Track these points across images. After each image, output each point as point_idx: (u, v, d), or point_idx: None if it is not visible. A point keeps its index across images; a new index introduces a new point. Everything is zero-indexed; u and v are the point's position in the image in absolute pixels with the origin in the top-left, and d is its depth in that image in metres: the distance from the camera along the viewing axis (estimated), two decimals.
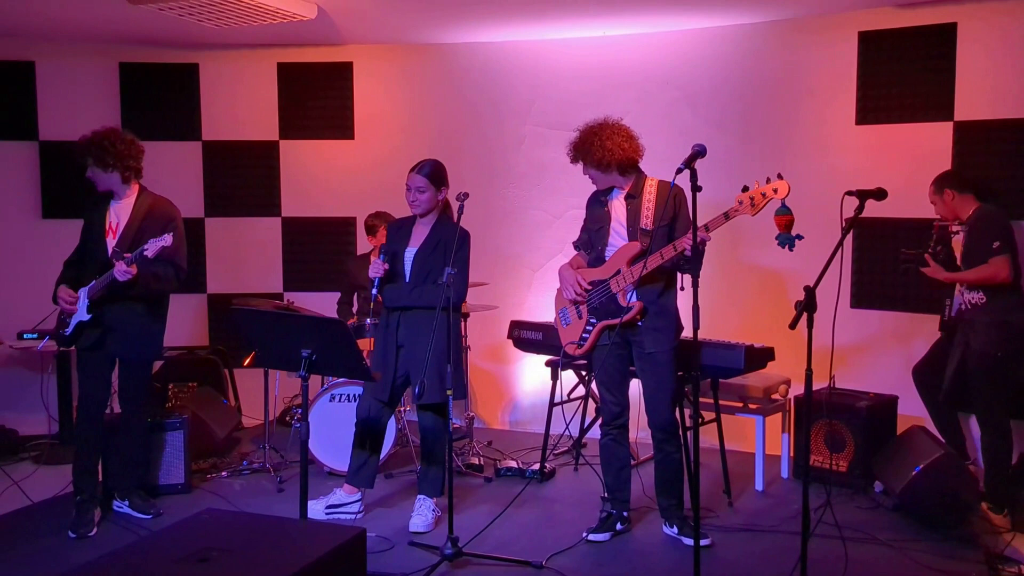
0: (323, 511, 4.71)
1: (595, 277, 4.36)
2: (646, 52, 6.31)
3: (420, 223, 4.68)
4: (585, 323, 4.39)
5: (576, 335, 4.43)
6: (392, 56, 6.83)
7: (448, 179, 4.67)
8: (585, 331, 4.39)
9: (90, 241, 4.64)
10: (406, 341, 4.58)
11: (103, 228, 4.61)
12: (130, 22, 5.90)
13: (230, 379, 6.63)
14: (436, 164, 4.62)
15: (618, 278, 4.25)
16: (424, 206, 4.59)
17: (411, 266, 4.61)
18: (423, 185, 4.56)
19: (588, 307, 4.37)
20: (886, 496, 4.89)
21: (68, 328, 4.57)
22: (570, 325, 4.48)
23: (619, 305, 4.24)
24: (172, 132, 6.83)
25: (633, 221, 4.30)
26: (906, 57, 5.54)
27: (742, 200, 3.98)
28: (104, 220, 4.63)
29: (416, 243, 4.64)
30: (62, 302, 4.55)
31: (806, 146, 5.86)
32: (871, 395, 5.24)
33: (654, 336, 4.28)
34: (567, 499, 5.11)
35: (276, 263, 7.01)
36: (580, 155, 4.36)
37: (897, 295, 5.63)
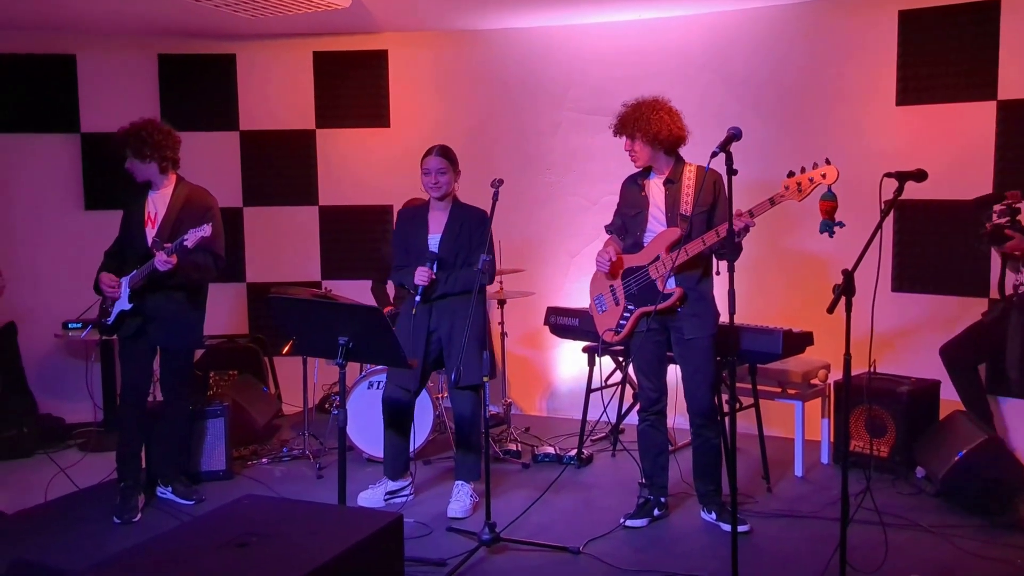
0: (383, 498, 4.76)
1: (633, 263, 4.33)
2: (681, 35, 6.25)
3: (435, 208, 4.69)
4: (623, 309, 4.36)
5: (613, 321, 4.40)
6: (426, 43, 6.83)
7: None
8: (623, 317, 4.36)
9: (129, 231, 4.70)
10: (440, 328, 4.59)
11: (142, 218, 4.67)
12: (167, 15, 5.96)
13: (270, 367, 6.70)
14: (447, 147, 4.66)
15: (657, 264, 4.22)
16: (445, 188, 4.61)
17: (440, 254, 4.61)
18: (444, 167, 4.58)
19: (626, 293, 4.34)
20: (928, 482, 4.83)
21: (110, 317, 4.64)
22: (606, 312, 4.45)
23: (658, 291, 4.21)
24: (210, 122, 6.90)
25: (672, 206, 4.27)
26: (947, 35, 5.43)
27: (788, 185, 3.92)
28: (143, 211, 4.69)
29: (437, 229, 4.64)
30: (105, 287, 4.61)
31: (845, 128, 5.77)
32: (912, 380, 5.16)
33: (693, 322, 4.26)
34: (605, 485, 5.11)
35: (314, 251, 7.06)
36: (633, 127, 4.26)
37: (939, 278, 5.54)
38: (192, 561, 2.70)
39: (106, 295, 4.64)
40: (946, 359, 5.05)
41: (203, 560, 2.69)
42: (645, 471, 4.55)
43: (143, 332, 4.64)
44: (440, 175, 4.59)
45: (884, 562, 3.77)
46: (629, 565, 3.98)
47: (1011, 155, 5.12)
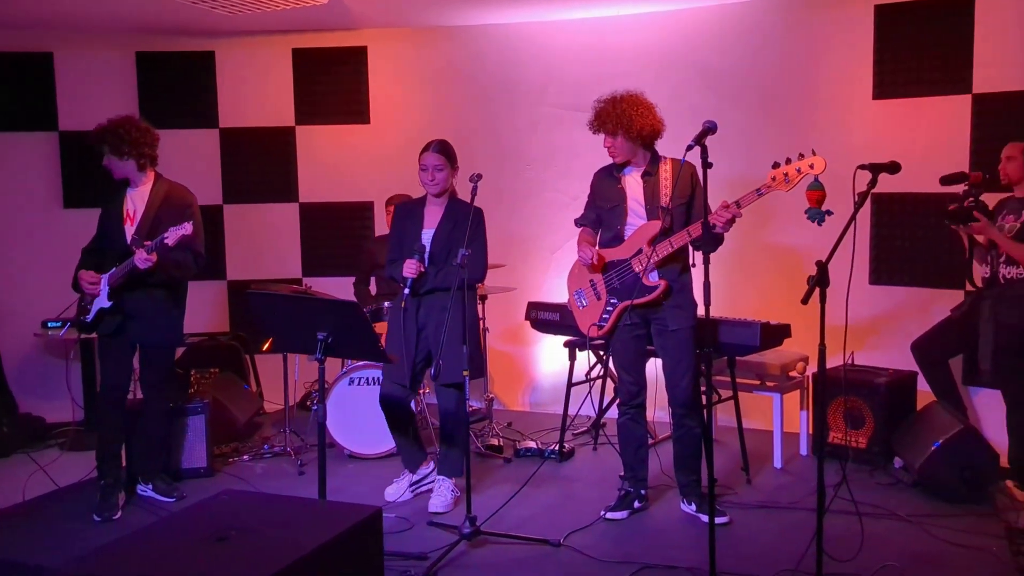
0: (409, 490, 4.79)
1: (614, 257, 4.34)
2: (660, 31, 6.28)
3: (431, 204, 4.69)
4: (605, 304, 4.37)
5: (596, 316, 4.41)
6: (406, 39, 6.83)
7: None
8: (606, 311, 4.37)
9: (108, 229, 4.69)
10: (427, 323, 4.60)
11: (120, 216, 4.66)
12: (145, 11, 5.94)
13: (251, 365, 6.69)
14: (446, 142, 4.63)
15: (640, 257, 4.23)
16: (442, 184, 4.60)
17: (431, 248, 4.61)
18: (441, 163, 4.57)
19: (608, 288, 4.35)
20: (906, 472, 4.88)
21: (89, 315, 4.62)
22: (587, 307, 4.46)
23: (643, 285, 4.22)
24: (189, 120, 6.88)
25: (651, 199, 4.28)
26: (923, 30, 5.48)
27: (775, 176, 3.94)
28: (121, 208, 4.68)
29: (432, 224, 4.64)
30: (85, 284, 4.59)
31: (822, 122, 5.81)
32: (890, 371, 5.21)
33: (677, 313, 4.28)
34: (586, 478, 5.13)
35: (294, 249, 7.05)
36: (615, 124, 4.24)
37: (916, 271, 5.60)
38: (171, 555, 2.70)
39: (86, 292, 4.62)
40: (918, 355, 5.11)
41: (182, 554, 2.70)
42: (626, 464, 4.57)
43: (123, 330, 4.63)
44: (437, 171, 4.58)
45: (860, 551, 3.81)
46: (609, 557, 4.00)
47: (986, 148, 5.17)
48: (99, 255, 4.71)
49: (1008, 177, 4.73)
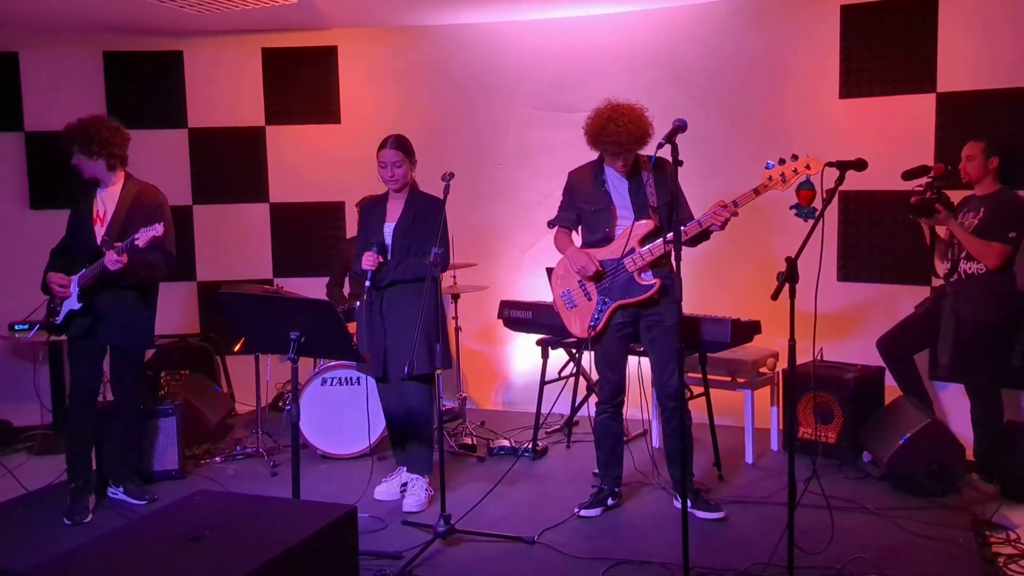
0: (399, 490, 4.78)
1: (603, 257, 4.32)
2: (631, 31, 6.31)
3: (393, 198, 4.70)
4: (596, 304, 4.37)
5: (586, 317, 4.38)
6: (376, 39, 6.82)
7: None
8: (598, 312, 4.36)
9: (77, 230, 4.64)
10: (389, 316, 4.61)
11: (90, 216, 4.62)
12: (112, 10, 5.88)
13: (222, 366, 6.65)
14: (403, 137, 4.64)
15: (634, 257, 4.23)
16: (401, 180, 4.61)
17: (391, 241, 4.62)
18: (399, 159, 4.58)
19: (598, 288, 4.34)
20: (874, 466, 4.94)
21: (59, 316, 4.58)
22: (576, 307, 4.43)
23: (637, 284, 4.23)
24: (158, 120, 6.82)
25: (638, 199, 4.29)
26: (888, 30, 5.55)
27: (772, 176, 3.96)
28: (91, 209, 4.63)
29: (393, 218, 4.65)
30: (54, 286, 4.54)
31: (790, 121, 5.88)
32: (859, 367, 5.28)
33: (673, 309, 4.27)
34: (559, 476, 5.15)
35: (265, 249, 7.02)
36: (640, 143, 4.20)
37: (883, 267, 5.67)
38: (144, 557, 2.69)
39: (56, 295, 4.57)
40: (883, 351, 5.18)
41: (156, 556, 2.68)
42: (601, 462, 4.60)
43: (93, 332, 4.59)
44: (396, 168, 4.59)
45: (830, 544, 3.86)
46: (583, 553, 4.02)
47: (950, 146, 5.24)
48: (68, 256, 4.66)
49: (968, 176, 4.81)
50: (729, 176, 4.35)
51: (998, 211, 4.67)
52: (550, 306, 5.46)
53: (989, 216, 4.69)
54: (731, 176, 4.38)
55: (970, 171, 4.79)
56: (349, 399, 5.36)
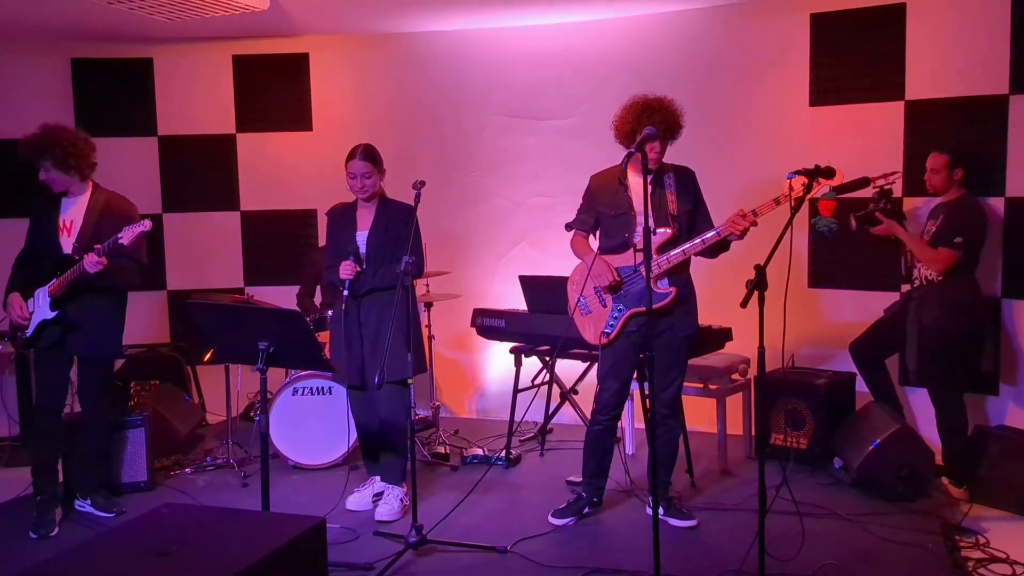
0: (371, 500, 4.76)
1: (619, 264, 4.27)
2: (602, 38, 6.33)
3: (363, 207, 4.69)
4: (610, 312, 4.29)
5: (600, 324, 4.30)
6: (348, 46, 6.80)
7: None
8: (612, 319, 4.28)
9: (41, 240, 4.58)
10: (368, 324, 4.59)
11: (55, 227, 4.56)
12: (81, 17, 5.82)
13: (193, 376, 6.59)
14: (371, 147, 4.63)
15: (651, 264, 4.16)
16: (371, 190, 4.60)
17: (365, 250, 4.60)
18: (368, 170, 4.56)
19: (613, 295, 4.28)
20: (845, 472, 4.97)
21: (28, 330, 4.51)
22: (591, 314, 4.34)
23: (654, 292, 4.10)
24: (127, 128, 6.76)
25: (658, 206, 4.23)
26: (857, 38, 5.60)
27: (792, 186, 3.94)
28: (56, 218, 4.57)
29: (364, 226, 4.64)
30: (12, 313, 4.49)
31: (761, 128, 5.92)
32: (829, 373, 5.32)
33: (688, 320, 4.33)
34: (533, 484, 5.14)
35: (236, 258, 6.96)
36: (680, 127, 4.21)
37: (853, 274, 5.71)
38: (111, 570, 2.65)
39: (12, 321, 4.51)
40: (854, 355, 5.22)
41: (122, 570, 2.65)
42: (587, 472, 4.55)
43: (63, 342, 4.54)
44: (365, 179, 4.58)
45: (801, 550, 3.88)
46: (556, 562, 4.01)
47: (918, 153, 5.28)
48: (32, 267, 4.60)
49: (934, 188, 4.88)
50: (701, 184, 4.35)
51: (951, 217, 4.75)
52: (523, 314, 5.49)
53: (943, 222, 4.76)
54: (701, 183, 4.38)
55: (935, 183, 4.86)
56: (321, 409, 5.33)
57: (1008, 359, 5.07)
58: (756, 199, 4.04)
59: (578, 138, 6.38)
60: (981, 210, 4.81)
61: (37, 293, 4.48)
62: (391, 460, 4.73)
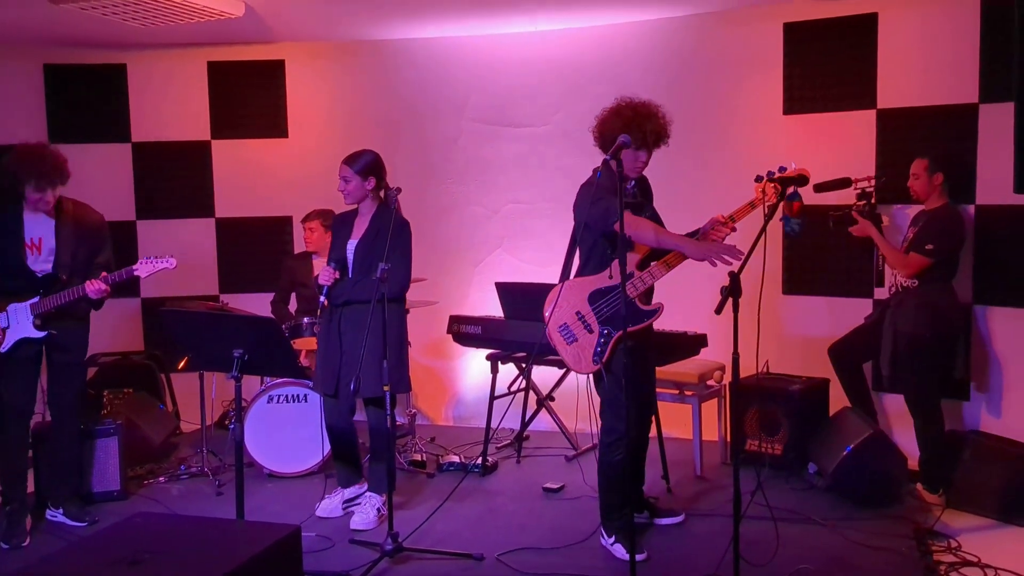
0: (340, 507, 4.75)
1: (600, 285, 4.04)
2: (578, 46, 6.36)
3: (361, 215, 4.68)
4: (598, 336, 4.03)
5: (589, 351, 4.03)
6: (324, 53, 6.79)
7: (382, 171, 4.64)
8: (600, 344, 4.03)
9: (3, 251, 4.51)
10: (347, 335, 4.58)
11: (20, 244, 4.49)
12: (53, 22, 5.77)
13: (167, 384, 6.53)
14: (364, 154, 4.60)
15: (633, 282, 4.00)
16: (352, 195, 4.60)
17: (353, 258, 4.60)
18: (348, 174, 4.56)
19: (598, 318, 4.02)
20: (819, 477, 5.00)
21: (4, 346, 4.45)
22: (577, 342, 4.05)
23: (641, 310, 4.03)
24: (100, 134, 6.71)
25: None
26: (830, 47, 5.66)
27: (765, 189, 3.93)
28: (21, 234, 4.50)
29: (357, 235, 4.64)
30: None
31: (736, 137, 5.96)
32: (803, 379, 5.35)
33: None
34: (509, 491, 5.13)
35: (211, 265, 6.92)
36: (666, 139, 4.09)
37: (827, 280, 5.76)
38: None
39: None
40: (833, 358, 5.26)
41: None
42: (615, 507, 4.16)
43: (40, 354, 4.50)
44: (344, 182, 4.58)
45: (776, 555, 3.90)
46: (532, 569, 4.01)
47: (890, 161, 5.36)
48: None
49: (916, 193, 4.94)
50: (675, 191, 4.38)
51: (927, 224, 4.81)
52: (500, 321, 5.49)
53: (920, 229, 4.81)
54: (676, 191, 4.42)
55: (916, 188, 4.92)
56: (296, 416, 5.30)
57: (979, 365, 5.13)
58: (730, 206, 4.07)
59: (554, 145, 6.41)
60: (959, 218, 4.86)
61: (11, 309, 4.43)
62: (373, 468, 4.72)
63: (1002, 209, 4.99)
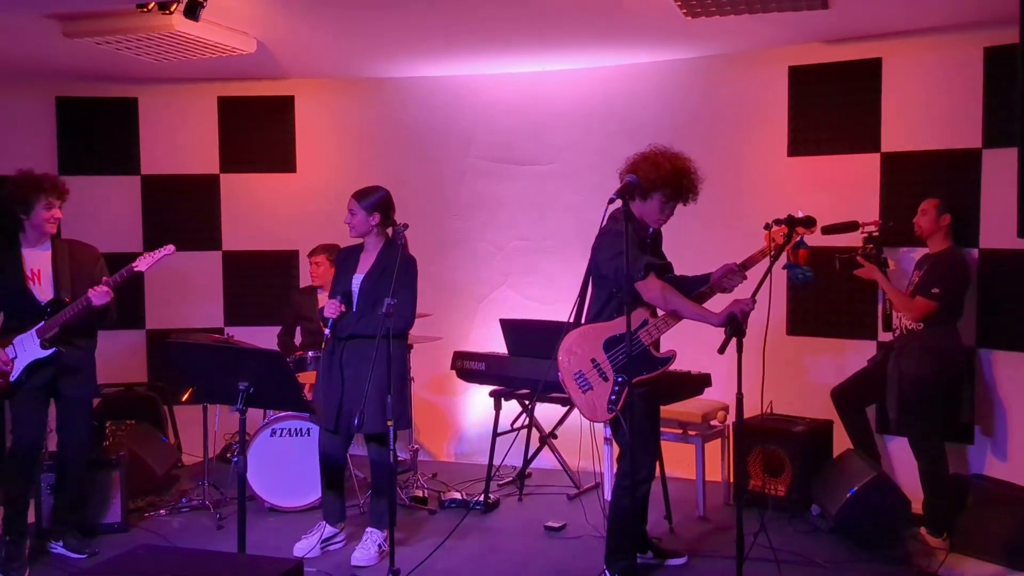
0: (319, 547, 4.69)
1: (615, 332, 3.98)
2: (584, 87, 6.42)
3: (367, 250, 4.71)
4: (612, 384, 3.99)
5: (604, 399, 3.99)
6: (333, 89, 6.86)
7: (390, 209, 4.68)
8: (614, 391, 3.97)
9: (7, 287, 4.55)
10: (349, 369, 4.58)
11: (21, 275, 4.54)
12: (67, 56, 5.85)
13: (169, 416, 6.53)
14: (373, 190, 4.65)
15: (648, 328, 3.99)
16: (357, 229, 4.64)
17: (358, 293, 4.62)
18: (354, 208, 4.61)
19: (613, 365, 3.98)
20: (823, 519, 4.98)
21: (14, 374, 4.45)
22: (592, 390, 4.00)
23: (654, 358, 4.00)
24: (110, 166, 6.77)
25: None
26: (834, 91, 5.71)
27: (774, 236, 3.97)
28: (21, 266, 4.55)
29: (363, 270, 4.66)
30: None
31: (740, 177, 6.00)
32: (807, 420, 5.34)
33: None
34: (511, 529, 5.11)
35: (216, 297, 6.95)
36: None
37: (831, 322, 5.76)
38: None
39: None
40: (836, 401, 5.25)
41: None
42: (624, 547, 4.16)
43: (54, 383, 4.52)
44: (351, 215, 4.63)
45: None
46: None
47: (894, 204, 5.39)
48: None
49: (921, 229, 4.95)
50: (679, 231, 4.40)
51: (932, 267, 4.83)
52: (504, 357, 5.50)
53: (925, 272, 4.83)
54: (681, 231, 4.43)
55: (922, 224, 4.93)
56: (299, 451, 5.30)
57: (983, 409, 5.13)
58: (735, 247, 4.09)
59: (560, 183, 6.46)
60: (964, 262, 4.89)
61: (16, 340, 4.46)
62: (375, 504, 4.70)
63: (1005, 253, 5.02)
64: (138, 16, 4.78)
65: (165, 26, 4.82)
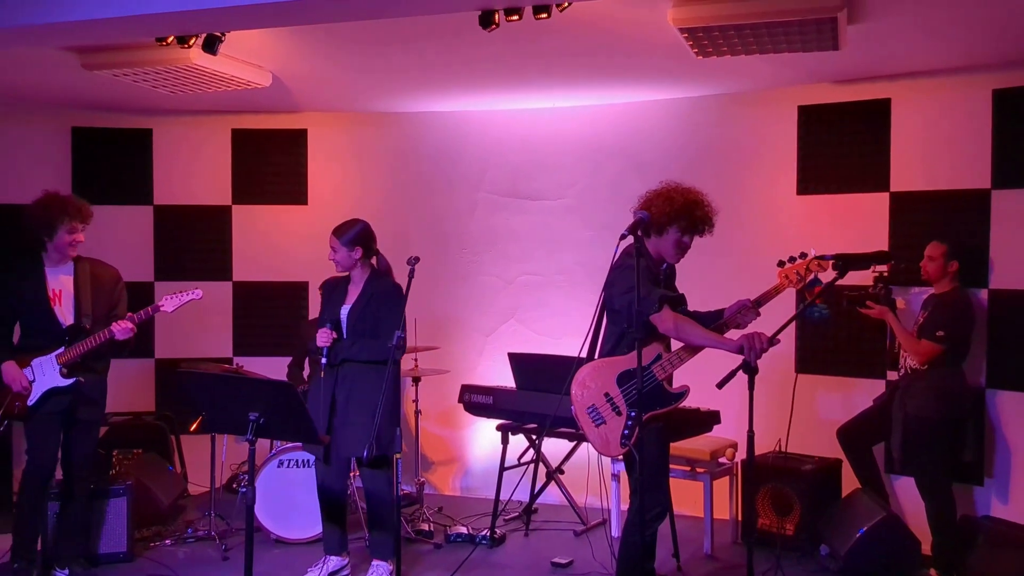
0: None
1: (628, 367, 3.93)
2: (594, 123, 6.47)
3: (353, 282, 4.77)
4: (625, 418, 3.96)
5: (617, 433, 3.95)
6: (346, 123, 6.92)
7: (371, 240, 4.72)
8: (627, 426, 3.94)
9: (24, 305, 4.59)
10: (340, 394, 4.60)
11: (46, 295, 4.57)
12: (84, 87, 5.93)
13: (176, 445, 6.52)
14: (351, 224, 4.70)
15: (662, 363, 3.97)
16: (342, 264, 4.71)
17: (346, 323, 4.66)
18: (335, 245, 4.68)
19: (627, 400, 3.95)
20: (832, 559, 4.94)
21: (32, 399, 4.48)
22: (605, 425, 3.97)
23: (667, 392, 3.99)
24: (124, 196, 6.82)
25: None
26: (844, 130, 5.75)
27: (788, 275, 4.00)
28: (45, 287, 4.59)
29: (350, 301, 4.72)
30: (15, 384, 4.46)
31: (750, 215, 6.02)
32: (816, 459, 5.32)
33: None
34: (517, 565, 5.09)
35: (226, 328, 6.97)
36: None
37: (840, 360, 5.75)
38: None
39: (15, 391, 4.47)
40: (843, 441, 5.24)
41: None
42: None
43: (71, 408, 4.55)
44: (333, 252, 4.70)
45: None
46: None
47: (903, 243, 5.40)
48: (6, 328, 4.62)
49: (928, 275, 4.96)
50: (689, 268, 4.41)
51: (937, 309, 4.83)
52: (511, 391, 5.50)
53: (930, 314, 4.84)
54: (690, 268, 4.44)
55: (930, 271, 4.95)
56: (306, 482, 5.27)
57: (991, 449, 5.10)
58: (745, 284, 4.10)
59: (569, 219, 6.50)
60: (969, 302, 4.89)
61: (35, 363, 4.47)
62: (380, 536, 4.68)
63: (1015, 294, 5.02)
64: (157, 49, 4.84)
65: (183, 59, 4.88)
